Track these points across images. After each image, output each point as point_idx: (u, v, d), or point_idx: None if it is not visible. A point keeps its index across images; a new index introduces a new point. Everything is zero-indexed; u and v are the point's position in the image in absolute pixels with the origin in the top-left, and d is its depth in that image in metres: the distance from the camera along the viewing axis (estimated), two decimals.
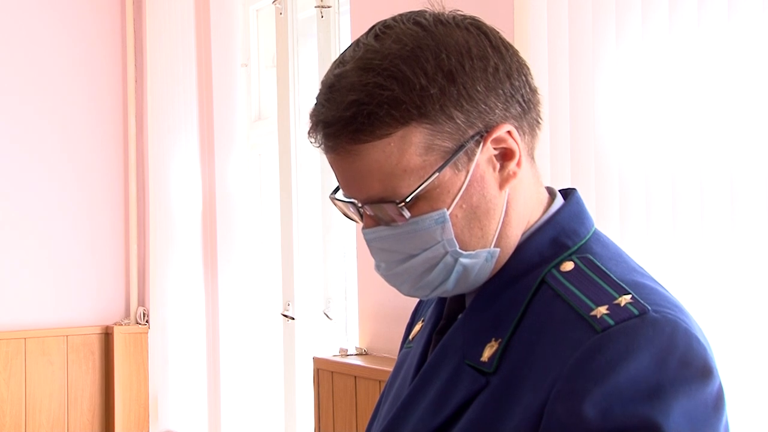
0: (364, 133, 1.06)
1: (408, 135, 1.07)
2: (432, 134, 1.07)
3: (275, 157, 3.66)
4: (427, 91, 1.06)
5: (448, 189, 1.09)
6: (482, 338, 1.11)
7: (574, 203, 1.18)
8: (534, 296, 1.10)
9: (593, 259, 1.11)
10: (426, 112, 1.06)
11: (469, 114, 1.08)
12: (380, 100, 1.06)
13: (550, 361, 1.03)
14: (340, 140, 1.08)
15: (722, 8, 1.89)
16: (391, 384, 1.29)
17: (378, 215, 1.11)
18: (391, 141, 1.07)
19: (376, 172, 1.08)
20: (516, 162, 1.11)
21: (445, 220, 1.09)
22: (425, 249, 1.10)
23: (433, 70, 1.07)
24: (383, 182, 1.08)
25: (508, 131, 1.10)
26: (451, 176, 1.08)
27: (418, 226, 1.09)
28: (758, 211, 1.85)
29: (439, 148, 1.07)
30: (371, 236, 1.13)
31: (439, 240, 1.10)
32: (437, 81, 1.06)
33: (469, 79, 1.08)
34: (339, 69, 1.10)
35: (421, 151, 1.07)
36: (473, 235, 1.11)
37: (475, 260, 1.11)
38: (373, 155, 1.07)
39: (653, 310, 1.02)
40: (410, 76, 1.06)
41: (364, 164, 1.08)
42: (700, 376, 1.01)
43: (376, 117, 1.06)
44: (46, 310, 4.49)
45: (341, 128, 1.07)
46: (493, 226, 1.11)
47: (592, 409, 0.98)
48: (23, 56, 4.51)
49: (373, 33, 1.11)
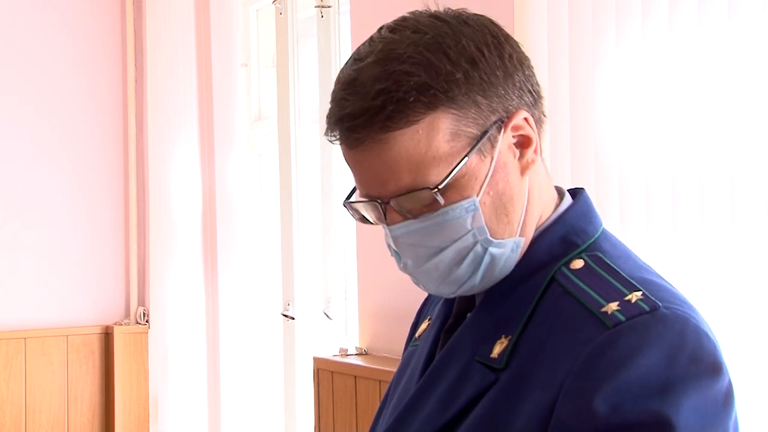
0: (393, 120, 1.06)
1: (435, 121, 1.07)
2: (458, 120, 1.07)
3: (275, 157, 3.66)
4: (452, 76, 1.07)
5: (475, 176, 1.09)
6: (492, 335, 1.11)
7: (583, 202, 1.19)
8: (544, 294, 1.11)
9: (603, 256, 1.12)
10: (453, 97, 1.07)
11: (491, 99, 1.09)
12: (408, 87, 1.05)
13: (560, 357, 1.04)
14: (368, 131, 1.07)
15: (722, 8, 1.89)
16: (396, 382, 1.29)
17: (406, 208, 1.10)
18: (420, 128, 1.06)
19: (405, 162, 1.07)
20: (534, 149, 1.13)
21: (476, 208, 1.09)
22: (456, 240, 1.10)
23: (455, 56, 1.07)
24: (413, 172, 1.07)
25: (525, 118, 1.12)
26: (477, 163, 1.09)
27: (448, 216, 1.09)
28: (758, 211, 1.85)
29: (464, 134, 1.08)
30: (400, 231, 1.11)
31: (470, 229, 1.09)
32: (461, 66, 1.07)
33: (489, 65, 1.09)
34: (357, 65, 1.09)
35: (448, 137, 1.07)
36: (501, 222, 1.11)
37: (503, 250, 1.11)
38: (402, 143, 1.06)
39: (664, 306, 1.03)
40: (435, 61, 1.07)
41: (393, 154, 1.07)
42: (710, 372, 1.01)
43: (404, 103, 1.06)
44: (46, 310, 4.49)
45: (370, 118, 1.06)
46: (518, 213, 1.12)
47: (603, 405, 0.98)
48: (23, 56, 4.51)
49: (387, 28, 1.11)
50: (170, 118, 4.24)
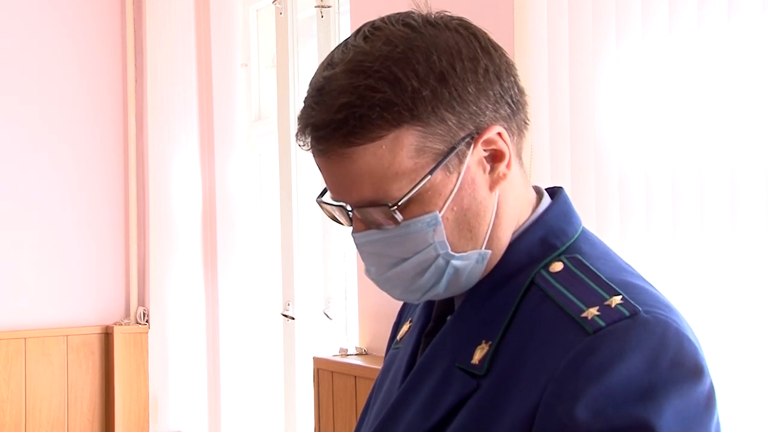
0: (356, 135, 1.05)
1: (400, 138, 1.05)
2: (423, 136, 1.06)
3: (275, 157, 3.66)
4: (419, 93, 1.05)
5: (439, 191, 1.07)
6: (472, 340, 1.11)
7: (562, 202, 1.17)
8: (524, 298, 1.10)
9: (582, 259, 1.11)
10: (418, 114, 1.05)
11: (461, 116, 1.07)
12: (372, 103, 1.04)
13: (541, 363, 1.03)
14: (330, 143, 1.06)
15: (722, 9, 1.89)
16: (379, 386, 1.28)
17: (369, 219, 1.10)
18: (383, 144, 1.05)
19: (367, 176, 1.06)
20: (506, 164, 1.10)
21: (437, 223, 1.08)
22: (417, 252, 1.09)
23: (424, 71, 1.05)
24: (374, 186, 1.07)
25: (498, 133, 1.09)
26: (442, 179, 1.07)
27: (409, 230, 1.08)
28: (758, 211, 1.85)
29: (430, 150, 1.06)
30: (362, 240, 1.12)
31: (431, 242, 1.09)
32: (429, 83, 1.05)
33: (460, 81, 1.07)
34: (328, 71, 1.08)
35: (412, 153, 1.06)
36: (463, 237, 1.10)
37: (467, 262, 1.10)
38: (364, 158, 1.06)
39: (644, 310, 1.02)
40: (402, 78, 1.05)
41: (355, 168, 1.06)
42: (691, 375, 1.01)
43: (367, 120, 1.04)
44: (46, 310, 4.50)
45: (332, 131, 1.06)
46: (483, 227, 1.11)
47: (585, 411, 0.97)
48: (23, 56, 4.51)
49: (362, 34, 1.09)
50: (170, 118, 4.24)
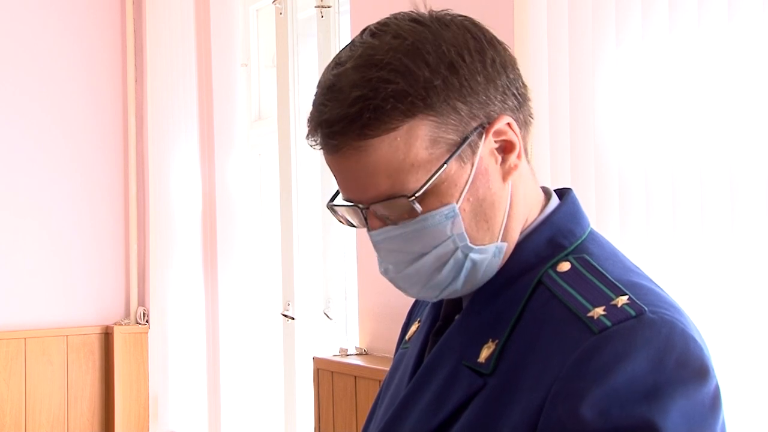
0: (371, 128, 1.06)
1: (414, 128, 1.06)
2: (437, 126, 1.07)
3: (275, 157, 3.66)
4: (431, 83, 1.06)
5: (455, 182, 1.08)
6: (479, 339, 1.11)
7: (570, 203, 1.18)
8: (531, 297, 1.10)
9: (589, 259, 1.11)
10: (431, 104, 1.06)
11: (472, 105, 1.08)
12: (385, 94, 1.05)
13: (547, 362, 1.03)
14: (345, 138, 1.07)
15: (722, 8, 1.89)
16: (387, 385, 1.29)
17: (386, 215, 1.10)
18: (398, 135, 1.06)
19: (383, 169, 1.07)
20: (516, 154, 1.11)
21: (455, 215, 1.08)
22: (436, 246, 1.09)
23: (435, 62, 1.07)
24: (391, 178, 1.07)
25: (508, 123, 1.10)
26: (457, 169, 1.08)
27: (428, 223, 1.08)
28: (758, 211, 1.85)
29: (444, 140, 1.07)
30: (380, 237, 1.12)
31: (450, 235, 1.09)
32: (440, 72, 1.06)
33: (469, 71, 1.08)
34: (337, 69, 1.09)
35: (427, 144, 1.07)
36: (480, 228, 1.10)
37: (484, 255, 1.11)
38: (380, 151, 1.06)
39: (650, 311, 1.02)
40: (413, 68, 1.06)
41: (371, 161, 1.07)
42: (697, 376, 1.01)
43: (382, 111, 1.05)
44: (46, 310, 4.49)
45: (347, 125, 1.06)
46: (499, 219, 1.11)
47: (590, 411, 0.98)
48: (23, 56, 4.50)
49: (369, 32, 1.11)
50: (170, 118, 4.24)
